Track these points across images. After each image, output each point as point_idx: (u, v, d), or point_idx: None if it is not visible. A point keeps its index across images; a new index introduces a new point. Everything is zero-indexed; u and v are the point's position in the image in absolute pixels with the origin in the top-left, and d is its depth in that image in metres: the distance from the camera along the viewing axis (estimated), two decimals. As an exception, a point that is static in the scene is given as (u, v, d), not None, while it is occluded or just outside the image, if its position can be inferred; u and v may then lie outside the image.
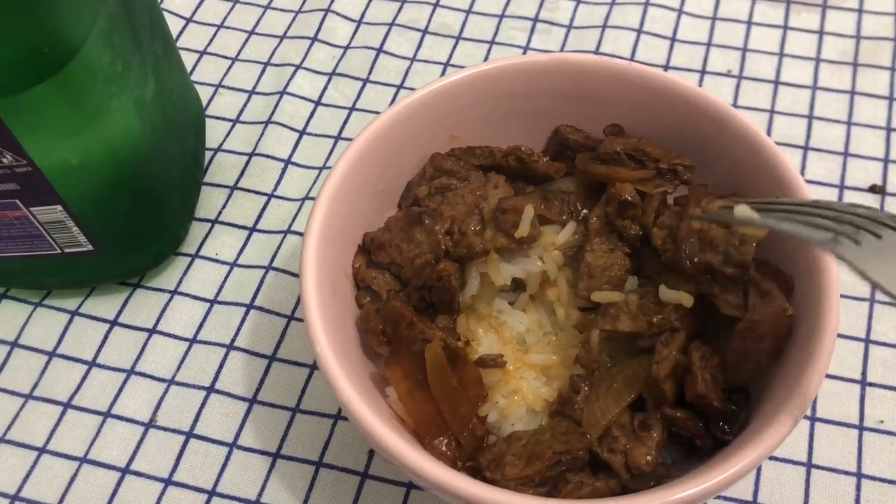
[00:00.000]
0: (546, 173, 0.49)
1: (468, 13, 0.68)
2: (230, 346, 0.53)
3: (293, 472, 0.48)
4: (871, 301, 0.53)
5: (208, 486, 0.48)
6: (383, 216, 0.49)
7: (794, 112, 0.62)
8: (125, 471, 0.48)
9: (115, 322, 0.54)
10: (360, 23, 0.68)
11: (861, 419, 0.49)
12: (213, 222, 0.58)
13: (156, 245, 0.54)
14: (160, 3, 0.68)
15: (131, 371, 0.52)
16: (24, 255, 0.50)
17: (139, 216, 0.51)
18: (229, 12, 0.69)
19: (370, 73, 0.65)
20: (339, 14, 0.68)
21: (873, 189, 0.58)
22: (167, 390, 0.51)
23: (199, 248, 0.57)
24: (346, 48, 0.67)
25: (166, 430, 0.50)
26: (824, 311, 0.40)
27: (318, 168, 0.60)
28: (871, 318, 0.52)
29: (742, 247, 0.40)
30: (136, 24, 0.47)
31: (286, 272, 0.55)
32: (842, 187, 0.58)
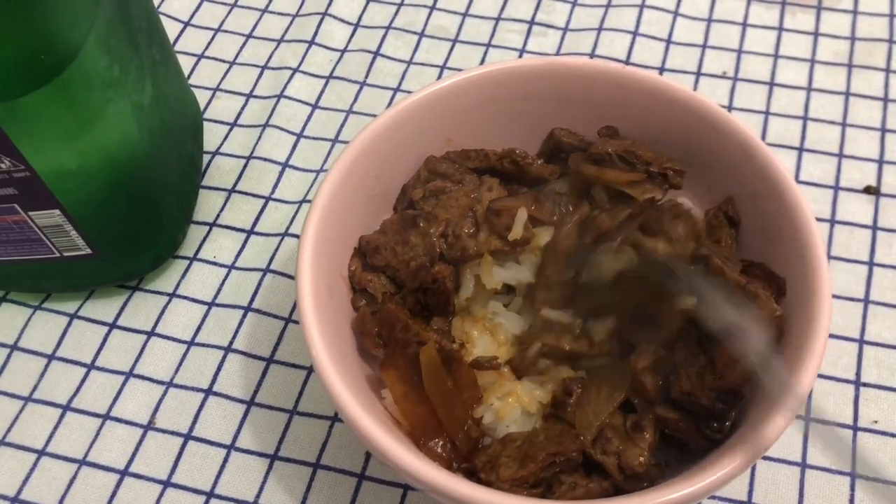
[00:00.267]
0: (540, 175, 0.49)
1: (464, 16, 0.68)
2: (228, 349, 0.53)
3: (291, 474, 0.48)
4: (866, 301, 0.53)
5: (206, 487, 0.48)
6: (379, 219, 0.49)
7: (788, 113, 0.62)
8: (124, 473, 0.49)
9: (113, 325, 0.54)
10: (356, 26, 0.68)
11: (855, 420, 0.49)
12: (211, 225, 0.58)
13: (154, 248, 0.54)
14: (158, 8, 0.69)
15: (130, 373, 0.52)
16: (23, 259, 0.50)
17: (137, 220, 0.52)
18: (227, 16, 0.69)
19: (367, 77, 0.65)
20: (335, 18, 0.68)
21: (868, 190, 0.58)
22: (166, 392, 0.51)
23: (197, 251, 0.57)
24: (343, 51, 0.67)
25: (165, 432, 0.50)
26: (816, 311, 0.40)
27: (316, 171, 0.60)
28: (865, 318, 0.53)
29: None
30: (133, 29, 0.47)
31: (284, 275, 0.56)
32: (836, 188, 0.58)
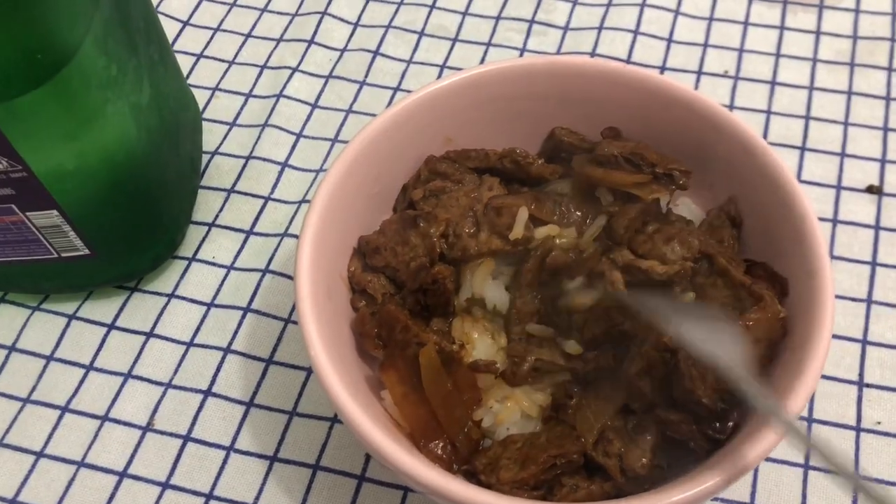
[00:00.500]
0: (541, 175, 0.49)
1: (465, 15, 0.68)
2: (227, 350, 0.53)
3: (290, 476, 0.48)
4: (869, 302, 0.53)
5: (206, 489, 0.48)
6: (379, 219, 0.49)
7: (790, 112, 0.61)
8: (123, 474, 0.48)
9: (112, 326, 0.54)
10: (356, 25, 0.68)
11: (858, 420, 0.49)
12: (210, 226, 0.58)
13: (153, 249, 0.54)
14: (156, 7, 0.68)
15: (129, 375, 0.52)
16: (21, 259, 0.50)
17: (136, 220, 0.51)
18: (226, 15, 0.69)
19: (367, 76, 0.65)
20: (335, 17, 0.68)
21: (870, 189, 0.57)
22: (164, 394, 0.51)
23: (196, 252, 0.57)
24: (343, 51, 0.67)
25: (164, 433, 0.50)
26: (819, 311, 0.39)
27: (315, 171, 0.60)
28: (868, 318, 0.52)
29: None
30: (131, 29, 0.47)
31: (283, 275, 0.55)
32: (839, 188, 0.58)
